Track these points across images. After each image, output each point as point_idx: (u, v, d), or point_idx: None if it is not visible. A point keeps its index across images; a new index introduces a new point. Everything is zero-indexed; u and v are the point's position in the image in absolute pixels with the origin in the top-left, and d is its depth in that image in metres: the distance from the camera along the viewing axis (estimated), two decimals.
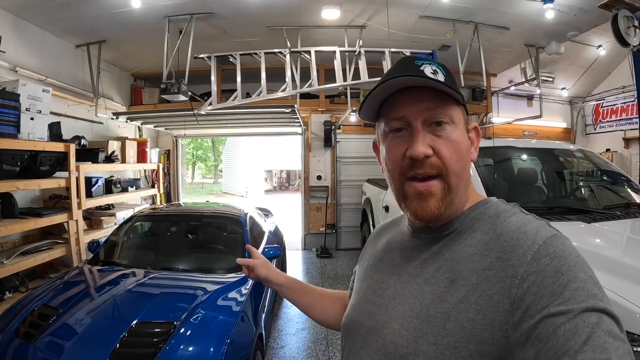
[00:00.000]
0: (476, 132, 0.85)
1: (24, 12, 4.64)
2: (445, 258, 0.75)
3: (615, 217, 2.75)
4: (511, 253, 0.67)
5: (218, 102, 4.93)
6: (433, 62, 0.79)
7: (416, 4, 4.77)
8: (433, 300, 0.72)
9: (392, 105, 0.79)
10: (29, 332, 2.33)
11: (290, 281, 1.24)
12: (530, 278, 0.62)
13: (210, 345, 2.22)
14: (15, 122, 3.77)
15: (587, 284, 0.60)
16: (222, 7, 4.77)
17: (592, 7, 4.60)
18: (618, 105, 8.57)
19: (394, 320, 0.77)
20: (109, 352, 2.09)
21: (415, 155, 0.74)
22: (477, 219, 0.78)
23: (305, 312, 1.23)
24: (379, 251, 0.96)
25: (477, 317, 0.65)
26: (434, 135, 0.76)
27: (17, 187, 3.86)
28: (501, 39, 5.83)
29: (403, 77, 0.75)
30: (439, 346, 0.67)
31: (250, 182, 22.62)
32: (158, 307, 2.53)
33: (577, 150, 4.01)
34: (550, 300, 0.59)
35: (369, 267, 0.95)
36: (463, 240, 0.75)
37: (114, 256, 3.60)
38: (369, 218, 6.20)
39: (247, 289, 2.91)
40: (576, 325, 0.55)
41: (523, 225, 0.71)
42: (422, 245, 0.82)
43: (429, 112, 0.76)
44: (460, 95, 0.78)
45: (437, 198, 0.76)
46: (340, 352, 0.94)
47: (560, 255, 0.64)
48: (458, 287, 0.70)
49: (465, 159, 0.79)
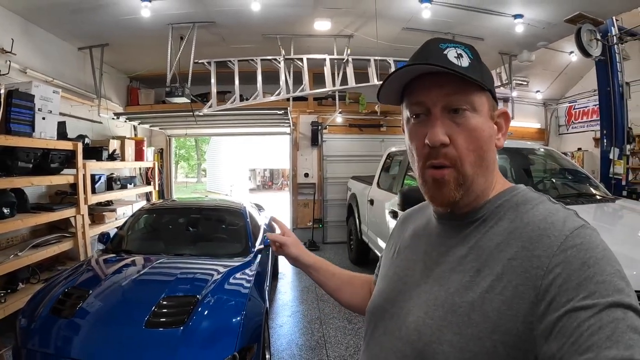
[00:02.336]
0: (505, 117, 0.83)
1: (33, 16, 4.87)
2: (471, 246, 0.75)
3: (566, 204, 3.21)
4: (537, 243, 0.66)
5: (217, 104, 5.27)
6: (459, 45, 0.78)
7: (400, 18, 5.18)
8: (458, 289, 0.71)
9: (413, 89, 0.78)
10: (64, 310, 2.55)
11: (318, 262, 1.22)
12: (556, 270, 0.61)
13: (230, 316, 2.60)
14: (30, 121, 3.98)
15: (613, 278, 0.59)
16: (223, 17, 5.10)
17: (559, 21, 5.07)
18: (589, 107, 9.00)
19: (418, 307, 0.76)
20: (144, 321, 2.43)
21: (432, 142, 0.73)
22: (504, 207, 0.76)
23: (331, 294, 1.22)
24: (405, 238, 0.95)
25: (502, 308, 0.64)
26: (453, 122, 0.74)
27: (32, 183, 4.08)
28: (477, 48, 5.97)
29: (422, 65, 0.74)
30: (463, 336, 0.66)
31: (234, 180, 22.63)
32: (180, 284, 2.87)
33: (542, 150, 4.48)
34: (576, 294, 0.58)
35: (395, 254, 0.95)
36: (490, 229, 0.74)
37: (127, 246, 3.89)
38: (354, 212, 6.60)
39: (253, 271, 3.29)
40: (600, 320, 0.54)
41: (550, 214, 0.70)
42: (448, 233, 0.81)
43: (449, 97, 0.74)
44: (484, 81, 0.75)
45: (451, 186, 0.75)
46: (336, 331, 1.05)
47: (588, 247, 0.62)
48: (484, 277, 0.69)
49: (485, 146, 0.76)
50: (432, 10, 4.75)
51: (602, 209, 3.32)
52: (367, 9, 4.87)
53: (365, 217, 5.99)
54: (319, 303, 4.80)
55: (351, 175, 7.47)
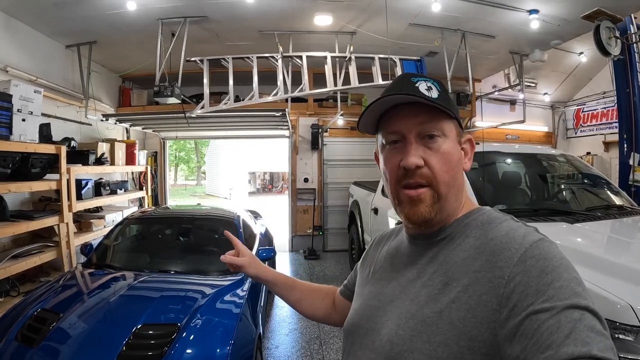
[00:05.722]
0: (470, 143, 0.91)
1: (16, 11, 4.60)
2: (440, 262, 0.80)
3: (596, 218, 2.90)
4: (499, 255, 0.71)
5: (210, 105, 4.95)
6: (428, 79, 0.85)
7: (407, 12, 4.87)
8: (428, 301, 0.76)
9: (389, 119, 0.85)
10: (30, 337, 2.29)
11: (277, 277, 1.27)
12: (516, 278, 0.66)
13: (215, 346, 2.27)
14: (7, 123, 3.72)
15: (570, 283, 0.63)
16: (216, 11, 4.79)
17: (575, 18, 4.76)
18: (598, 110, 8.81)
19: (391, 321, 0.81)
20: (116, 356, 2.10)
21: (408, 165, 0.80)
22: (470, 226, 0.82)
23: (293, 307, 1.27)
24: (379, 258, 1.01)
25: (467, 316, 0.69)
26: (426, 147, 0.81)
27: (9, 190, 3.82)
28: (487, 47, 5.99)
29: (398, 95, 0.81)
30: (432, 343, 0.71)
31: (233, 184, 22.51)
32: (160, 310, 2.55)
33: (559, 155, 4.17)
34: (535, 298, 0.62)
35: (370, 274, 1.00)
36: (457, 246, 0.80)
37: (109, 259, 3.59)
38: (357, 220, 6.27)
39: (245, 291, 2.96)
40: (559, 320, 0.58)
41: (512, 230, 0.75)
42: (419, 251, 0.87)
43: (422, 126, 0.81)
44: (451, 110, 0.83)
45: (427, 204, 0.81)
46: (337, 352, 1.05)
47: (546, 257, 0.67)
48: (451, 289, 0.74)
49: (456, 169, 0.84)
50: (443, 3, 4.46)
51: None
52: (371, 2, 4.57)
53: (368, 226, 5.67)
54: None
55: (353, 181, 7.21)
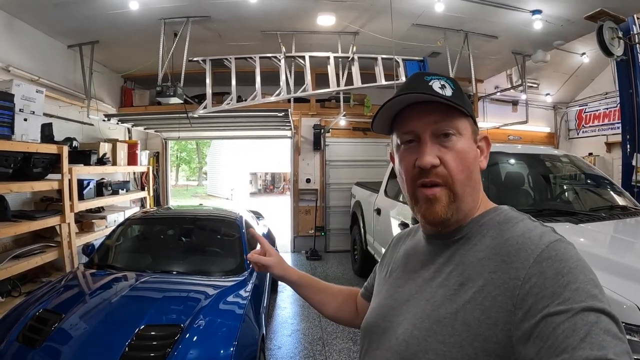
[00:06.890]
0: (486, 141, 0.90)
1: (17, 11, 4.59)
2: (457, 262, 0.79)
3: (601, 218, 2.88)
4: (515, 256, 0.70)
5: (212, 105, 4.94)
6: (442, 77, 0.83)
7: (410, 13, 4.86)
8: (444, 302, 0.75)
9: (403, 119, 0.84)
10: (32, 338, 2.26)
11: (303, 279, 1.26)
12: (532, 280, 0.65)
13: (219, 347, 2.25)
14: (9, 123, 3.71)
15: (587, 286, 0.62)
16: (218, 11, 4.78)
17: (578, 18, 4.75)
18: (601, 111, 8.80)
19: (407, 321, 0.80)
20: (119, 357, 2.08)
21: (423, 165, 0.79)
22: (487, 225, 0.81)
23: (317, 309, 1.27)
24: (397, 258, 1.00)
25: (482, 317, 0.68)
26: (441, 146, 0.80)
27: (11, 190, 3.81)
28: (489, 47, 5.98)
29: (412, 94, 0.80)
30: (447, 344, 0.70)
31: (235, 184, 22.51)
32: (163, 310, 2.53)
33: (562, 155, 4.14)
34: (551, 300, 0.61)
35: (388, 274, 1.00)
36: (473, 246, 0.79)
37: (111, 260, 3.57)
38: (359, 221, 6.24)
39: (248, 292, 2.94)
40: (575, 323, 0.57)
41: (528, 230, 0.74)
42: (436, 251, 0.86)
43: (437, 124, 0.80)
44: (466, 108, 0.82)
45: (444, 204, 0.80)
46: (340, 354, 1.03)
47: (562, 258, 0.66)
48: (467, 289, 0.73)
49: (472, 167, 0.83)
50: (446, 3, 4.44)
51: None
52: (374, 2, 4.56)
53: (371, 227, 5.63)
54: (321, 320, 4.43)
55: (355, 181, 7.19)
